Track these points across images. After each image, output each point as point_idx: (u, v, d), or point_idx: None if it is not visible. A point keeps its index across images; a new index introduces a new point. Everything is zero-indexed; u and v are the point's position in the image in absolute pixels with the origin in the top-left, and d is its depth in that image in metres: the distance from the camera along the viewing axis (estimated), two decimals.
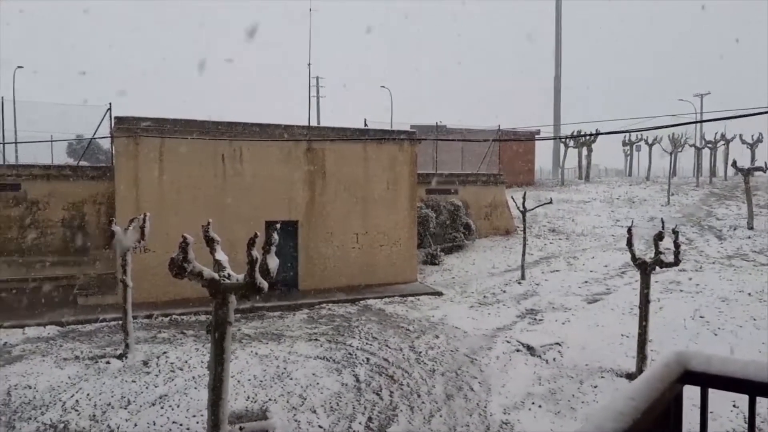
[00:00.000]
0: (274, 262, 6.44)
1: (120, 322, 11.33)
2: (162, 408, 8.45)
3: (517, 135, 33.08)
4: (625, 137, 44.51)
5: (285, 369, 10.09)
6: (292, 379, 9.67)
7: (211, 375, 6.74)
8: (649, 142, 40.20)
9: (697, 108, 47.38)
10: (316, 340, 11.90)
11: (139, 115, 15.07)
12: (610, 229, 23.67)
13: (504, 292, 16.05)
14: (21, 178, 17.27)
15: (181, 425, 7.95)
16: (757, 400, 1.59)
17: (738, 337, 11.59)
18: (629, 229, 10.91)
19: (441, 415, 8.53)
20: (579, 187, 34.35)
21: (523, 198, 17.83)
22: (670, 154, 36.10)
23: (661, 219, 12.72)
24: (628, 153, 46.48)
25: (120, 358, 10.48)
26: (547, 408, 8.81)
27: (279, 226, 6.66)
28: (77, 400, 8.65)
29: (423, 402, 8.95)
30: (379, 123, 23.30)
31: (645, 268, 10.22)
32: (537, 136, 34.29)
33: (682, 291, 15.03)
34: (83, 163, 20.67)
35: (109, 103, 18.86)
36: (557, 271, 18.21)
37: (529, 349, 11.33)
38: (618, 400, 1.45)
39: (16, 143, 20.59)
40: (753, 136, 35.84)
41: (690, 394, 1.65)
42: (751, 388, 1.58)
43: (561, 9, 53.44)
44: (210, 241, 6.73)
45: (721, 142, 37.48)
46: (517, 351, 11.25)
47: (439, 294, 16.05)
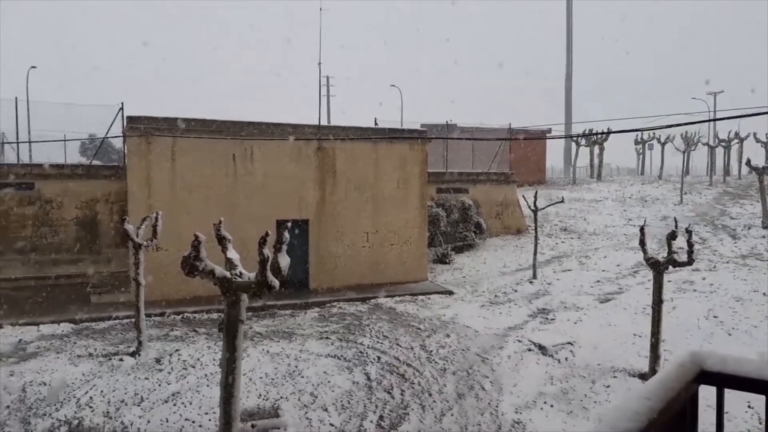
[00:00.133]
0: (285, 261, 6.47)
1: (133, 320, 11.43)
2: (175, 405, 8.51)
3: (528, 133, 32.94)
4: (637, 136, 44.18)
5: (296, 367, 10.13)
6: (303, 377, 9.70)
7: (223, 372, 6.78)
8: (662, 140, 39.84)
9: (710, 106, 47.03)
10: (327, 338, 11.93)
11: (151, 115, 15.18)
12: (622, 228, 23.51)
13: (515, 291, 15.99)
14: (35, 177, 17.48)
15: (193, 422, 8.00)
16: None
17: (753, 337, 11.47)
18: (642, 228, 10.84)
19: (452, 414, 8.52)
20: (591, 186, 34.15)
21: (535, 197, 17.77)
22: (683, 152, 35.80)
23: (674, 218, 12.61)
24: (641, 152, 46.13)
25: (133, 355, 10.57)
26: (559, 408, 8.78)
27: (290, 225, 6.68)
28: (91, 397, 8.74)
29: (434, 401, 8.94)
30: (389, 122, 23.30)
31: (658, 268, 10.13)
32: (548, 135, 34.14)
33: (695, 291, 14.90)
34: (96, 162, 20.86)
35: (121, 103, 19.00)
36: (569, 270, 18.11)
37: (541, 348, 11.28)
38: (633, 400, 1.44)
39: (30, 142, 20.81)
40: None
41: (704, 395, 1.64)
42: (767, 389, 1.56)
43: (572, 9, 53.18)
44: (222, 240, 6.77)
45: (735, 141, 37.07)
46: (529, 350, 11.20)
47: (450, 293, 16.02)
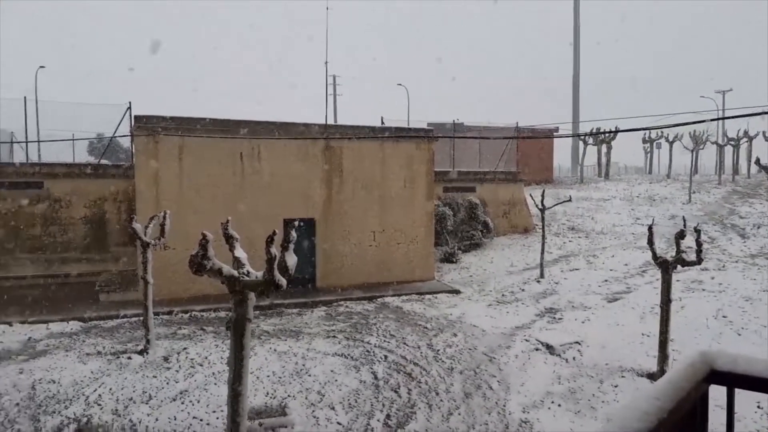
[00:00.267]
0: (292, 260, 6.46)
1: (141, 319, 11.48)
2: (182, 403, 8.54)
3: (536, 132, 32.83)
4: (645, 135, 43.97)
5: (303, 365, 10.14)
6: (310, 375, 9.71)
7: (230, 371, 6.79)
8: (670, 139, 39.61)
9: (718, 105, 46.72)
10: (334, 337, 11.94)
11: (159, 114, 15.24)
12: (630, 228, 23.39)
13: (523, 290, 15.95)
14: (44, 176, 17.59)
15: (201, 420, 8.03)
16: None
17: (762, 337, 11.39)
18: (650, 228, 10.77)
19: (459, 413, 8.51)
20: (598, 185, 34.00)
21: (542, 196, 17.70)
22: (692, 151, 35.56)
23: (683, 217, 12.53)
24: (648, 150, 45.90)
25: (141, 353, 10.62)
26: (566, 407, 8.75)
27: (297, 223, 6.69)
28: (100, 395, 8.79)
29: (441, 400, 8.93)
30: (396, 121, 23.29)
31: (666, 267, 10.08)
32: (555, 134, 34.01)
33: (704, 290, 14.80)
34: (104, 161, 20.97)
35: (129, 102, 19.11)
36: (577, 269, 18.05)
37: (549, 347, 11.25)
38: (643, 400, 1.43)
39: (39, 142, 20.94)
40: None
41: (713, 395, 1.63)
42: None
43: (579, 9, 52.99)
44: (229, 239, 6.77)
45: (744, 139, 36.79)
46: (537, 350, 11.17)
47: (457, 292, 16.00)
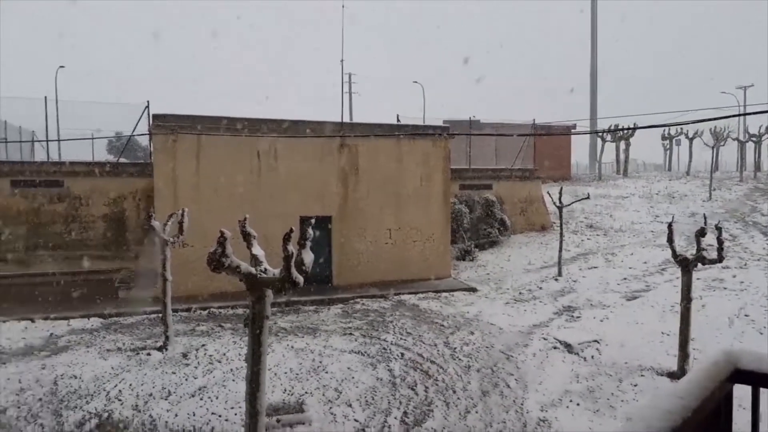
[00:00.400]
0: (309, 257, 6.48)
1: (160, 315, 11.60)
2: (201, 399, 8.62)
3: (553, 129, 32.57)
4: (664, 131, 43.41)
5: (320, 362, 10.18)
6: (327, 372, 9.74)
7: (248, 367, 6.83)
8: (690, 135, 39.07)
9: (740, 100, 45.93)
10: (351, 334, 11.96)
11: (177, 113, 15.37)
12: (649, 225, 23.12)
13: (540, 288, 15.84)
14: (64, 175, 17.83)
15: (219, 416, 8.09)
16: None
17: None
18: (670, 225, 10.63)
19: (477, 412, 8.48)
20: (617, 182, 33.66)
21: (560, 193, 17.57)
22: (712, 148, 35.05)
23: (703, 214, 12.36)
24: (668, 147, 45.28)
25: (160, 350, 10.73)
26: (585, 406, 8.67)
27: (313, 221, 6.70)
28: (120, 390, 8.89)
29: (458, 398, 8.91)
30: (412, 119, 23.24)
31: (686, 265, 9.95)
32: (573, 130, 33.72)
33: (725, 288, 14.59)
34: (123, 160, 21.21)
35: (147, 101, 19.33)
36: (595, 267, 17.88)
37: (567, 346, 11.16)
38: (666, 399, 1.41)
39: (59, 141, 21.24)
40: None
41: (737, 394, 1.60)
42: None
43: (597, 5, 52.46)
44: (247, 236, 6.80)
45: (766, 136, 36.16)
46: (554, 348, 11.09)
47: (474, 290, 15.94)
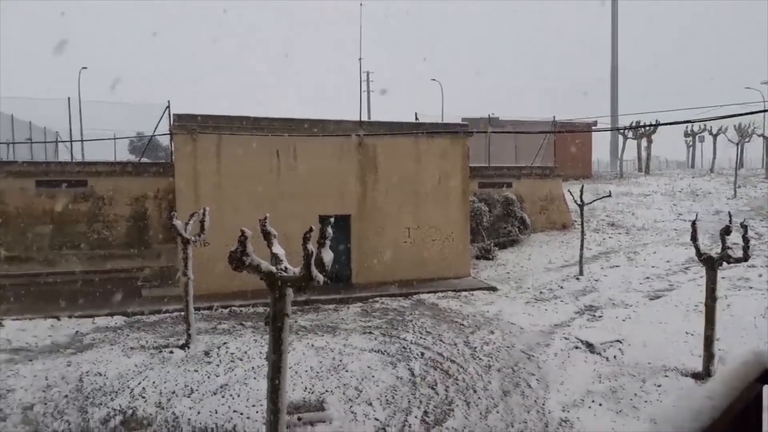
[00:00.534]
0: (328, 256, 6.49)
1: (182, 313, 11.71)
2: (223, 397, 8.69)
3: (573, 126, 32.24)
4: (687, 128, 42.73)
5: (341, 361, 10.20)
6: (347, 371, 9.75)
7: (269, 365, 6.87)
8: (714, 132, 38.44)
9: (765, 96, 45.02)
10: (371, 333, 11.97)
11: (197, 113, 15.51)
12: (672, 223, 22.79)
13: (561, 287, 15.70)
14: (88, 174, 18.11)
15: (241, 414, 8.15)
16: None
17: None
18: (693, 223, 10.46)
19: (498, 411, 8.43)
20: (639, 180, 33.23)
21: (581, 191, 17.40)
22: (737, 144, 34.46)
23: (728, 212, 12.12)
24: (691, 144, 44.60)
25: (183, 348, 10.84)
26: (608, 406, 8.57)
27: (333, 220, 6.71)
28: (144, 388, 9.00)
29: (479, 397, 8.86)
30: (430, 117, 23.19)
31: (711, 264, 9.77)
32: (594, 128, 33.34)
33: (751, 288, 14.32)
34: (144, 159, 21.48)
35: (168, 101, 19.54)
36: (617, 266, 17.67)
37: (589, 346, 11.04)
38: (695, 399, 1.40)
39: (82, 141, 21.59)
40: None
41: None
42: None
43: (617, 4, 51.86)
44: (267, 235, 6.84)
45: None
46: (576, 348, 10.98)
47: (494, 289, 15.84)
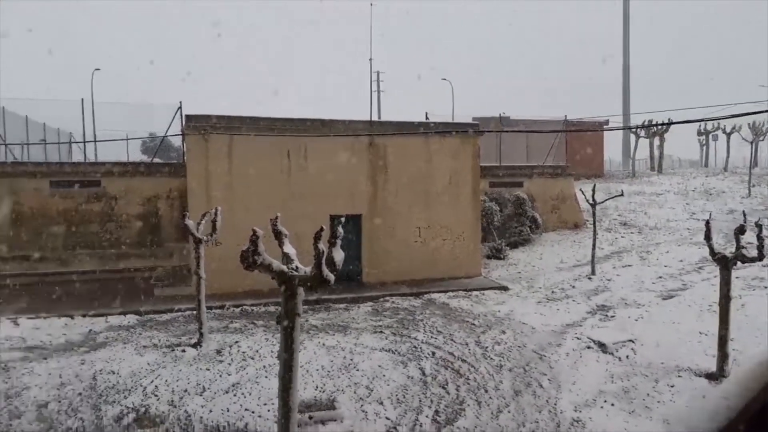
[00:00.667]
0: (339, 255, 6.51)
1: (194, 312, 11.79)
2: (235, 395, 8.73)
3: (585, 125, 32.04)
4: (700, 126, 42.32)
5: (351, 360, 10.21)
6: (358, 370, 9.77)
7: (281, 364, 6.90)
8: (727, 131, 38.04)
9: None
10: (381, 332, 11.98)
11: (209, 113, 15.60)
12: (685, 223, 22.59)
13: (573, 287, 15.61)
14: (101, 175, 18.28)
15: (253, 413, 8.18)
16: None
17: None
18: (707, 222, 10.35)
19: (509, 411, 8.40)
20: (651, 179, 32.97)
21: (593, 190, 17.30)
22: (751, 143, 34.08)
23: (743, 211, 12.02)
24: (704, 143, 44.14)
25: (195, 346, 10.90)
26: (620, 407, 8.51)
27: (343, 220, 6.72)
28: (156, 386, 9.07)
29: (490, 397, 8.84)
30: (440, 116, 23.13)
31: (725, 263, 9.67)
32: (606, 127, 33.12)
33: (766, 287, 14.14)
34: (156, 160, 21.62)
35: (180, 102, 19.68)
36: (629, 266, 17.54)
37: (601, 345, 10.97)
38: (711, 400, 1.39)
39: (95, 141, 21.77)
40: None
41: None
42: None
43: (629, 3, 51.50)
44: (278, 235, 6.87)
45: None
46: (588, 348, 10.91)
47: (505, 289, 15.79)
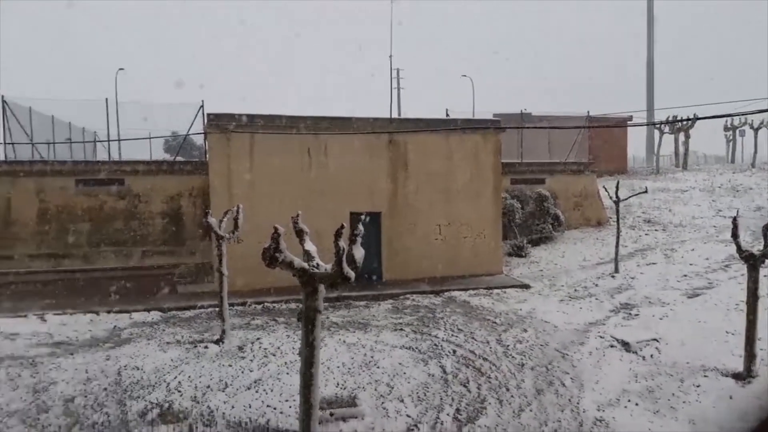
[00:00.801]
0: (359, 253, 6.53)
1: (216, 309, 11.92)
2: (257, 392, 8.79)
3: (608, 121, 31.57)
4: (726, 122, 41.43)
5: (372, 357, 10.22)
6: (379, 367, 9.77)
7: (302, 361, 6.94)
8: (755, 126, 37.18)
9: None
10: (402, 330, 11.96)
11: (230, 112, 15.72)
12: (711, 220, 22.16)
13: (596, 285, 15.42)
14: (125, 173, 18.55)
15: (275, 409, 8.23)
16: None
17: None
18: (734, 219, 10.14)
19: (531, 410, 8.33)
20: (676, 176, 32.39)
21: (616, 187, 17.07)
22: None
23: None
24: (731, 138, 43.17)
25: (217, 343, 11.01)
26: (644, 406, 8.38)
27: (364, 217, 6.72)
28: (180, 382, 9.18)
29: (512, 396, 8.77)
30: (461, 113, 23.00)
31: (753, 262, 9.46)
32: (629, 122, 32.60)
33: None
34: (179, 158, 21.89)
35: (202, 101, 19.91)
36: (653, 264, 17.26)
37: (624, 344, 10.82)
38: (742, 399, 1.35)
39: (119, 140, 22.11)
40: None
41: None
42: None
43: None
44: (299, 232, 6.91)
45: None
46: (611, 346, 10.77)
47: (527, 287, 15.66)
